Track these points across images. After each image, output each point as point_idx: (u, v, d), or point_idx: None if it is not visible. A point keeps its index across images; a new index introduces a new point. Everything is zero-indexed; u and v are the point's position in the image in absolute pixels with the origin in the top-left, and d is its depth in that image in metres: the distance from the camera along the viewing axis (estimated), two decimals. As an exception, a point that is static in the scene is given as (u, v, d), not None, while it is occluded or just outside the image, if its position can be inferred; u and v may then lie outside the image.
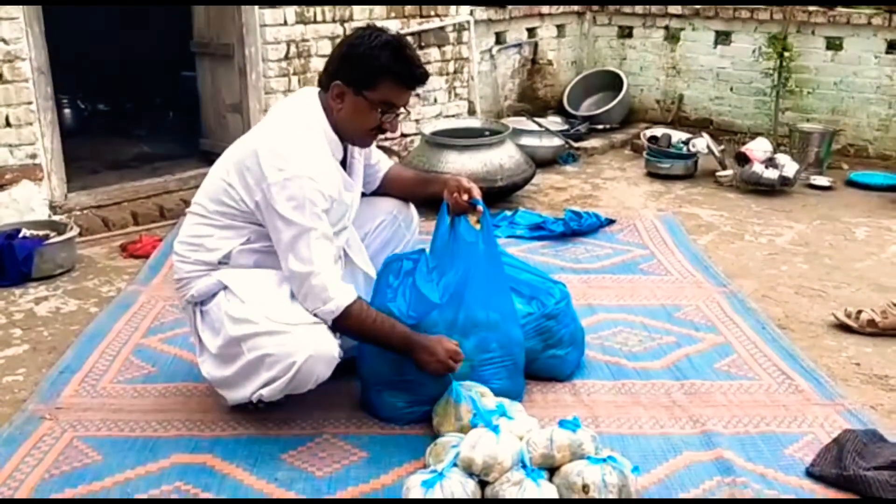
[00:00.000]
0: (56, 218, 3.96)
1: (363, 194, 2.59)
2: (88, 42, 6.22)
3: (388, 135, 2.44)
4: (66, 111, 5.85)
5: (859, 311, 3.10)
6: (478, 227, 2.48)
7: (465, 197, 2.48)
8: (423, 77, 2.31)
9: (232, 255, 2.32)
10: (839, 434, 2.31)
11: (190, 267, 2.36)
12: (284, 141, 2.23)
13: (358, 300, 2.26)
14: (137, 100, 6.80)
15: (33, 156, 3.94)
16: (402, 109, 2.35)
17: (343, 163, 2.41)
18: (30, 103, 3.89)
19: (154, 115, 6.51)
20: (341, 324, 2.24)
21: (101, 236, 4.06)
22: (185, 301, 2.40)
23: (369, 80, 2.24)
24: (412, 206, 2.72)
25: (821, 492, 2.13)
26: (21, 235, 3.61)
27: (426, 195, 2.65)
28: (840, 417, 2.46)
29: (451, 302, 2.41)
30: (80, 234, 3.86)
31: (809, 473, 2.19)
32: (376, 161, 2.64)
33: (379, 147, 2.73)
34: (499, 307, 2.47)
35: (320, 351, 2.20)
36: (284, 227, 2.19)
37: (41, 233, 3.67)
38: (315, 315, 2.22)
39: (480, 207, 2.46)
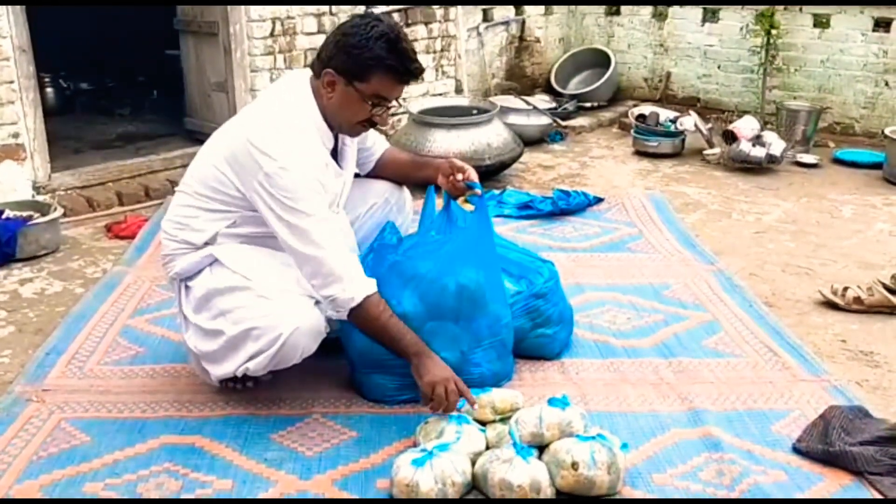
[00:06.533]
0: (40, 198, 3.92)
1: (356, 175, 2.57)
2: (71, 20, 6.14)
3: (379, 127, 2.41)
4: (49, 90, 5.78)
5: (845, 289, 3.12)
6: (470, 208, 2.47)
7: (461, 177, 2.46)
8: (417, 72, 2.25)
9: (217, 238, 2.31)
10: (825, 410, 2.33)
11: (175, 245, 2.35)
12: (275, 130, 2.19)
13: (376, 293, 2.21)
14: (121, 78, 6.73)
15: (16, 135, 3.90)
16: (393, 103, 2.30)
17: (334, 150, 2.38)
18: (11, 82, 3.84)
19: (138, 94, 6.45)
20: (356, 314, 2.18)
21: (85, 217, 4.03)
22: (171, 277, 2.40)
23: (362, 72, 2.19)
24: (405, 189, 2.70)
25: (807, 467, 2.15)
26: (4, 216, 3.57)
27: (420, 179, 2.63)
28: (826, 394, 2.48)
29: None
30: (65, 215, 3.83)
31: (796, 449, 2.21)
32: (371, 144, 2.61)
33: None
34: (490, 290, 2.46)
35: (306, 324, 2.19)
36: (286, 216, 2.15)
37: (25, 213, 3.63)
38: (331, 302, 2.18)
39: (478, 190, 2.45)
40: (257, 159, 2.15)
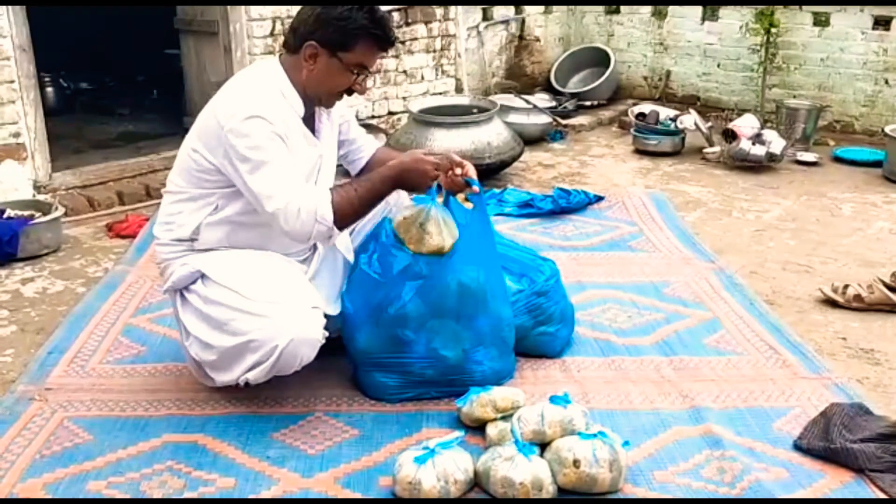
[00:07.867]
0: (41, 198, 3.92)
1: (347, 174, 2.56)
2: (71, 19, 6.14)
3: (361, 99, 2.45)
4: (49, 90, 5.79)
5: (846, 286, 3.12)
6: (470, 206, 2.47)
7: (459, 171, 2.47)
8: (395, 40, 2.37)
9: (201, 229, 2.32)
10: (826, 407, 2.33)
11: (167, 249, 2.36)
12: (237, 92, 2.27)
13: (330, 192, 2.25)
14: (121, 78, 6.74)
15: (16, 135, 3.90)
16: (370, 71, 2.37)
17: (311, 123, 2.40)
18: (12, 82, 3.84)
19: (138, 94, 6.45)
20: (340, 222, 2.24)
21: (86, 216, 4.03)
22: (166, 289, 2.41)
23: (346, 41, 2.24)
24: (402, 190, 2.70)
25: (808, 464, 2.15)
26: (5, 216, 3.57)
27: None
28: (827, 391, 2.49)
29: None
30: (66, 214, 3.83)
31: (797, 446, 2.22)
32: (356, 136, 2.62)
33: (366, 125, 2.70)
34: (491, 288, 2.46)
35: (303, 334, 2.19)
36: (245, 169, 2.18)
37: (26, 213, 3.63)
38: (319, 239, 2.27)
39: (476, 188, 2.45)
40: (220, 121, 2.21)
